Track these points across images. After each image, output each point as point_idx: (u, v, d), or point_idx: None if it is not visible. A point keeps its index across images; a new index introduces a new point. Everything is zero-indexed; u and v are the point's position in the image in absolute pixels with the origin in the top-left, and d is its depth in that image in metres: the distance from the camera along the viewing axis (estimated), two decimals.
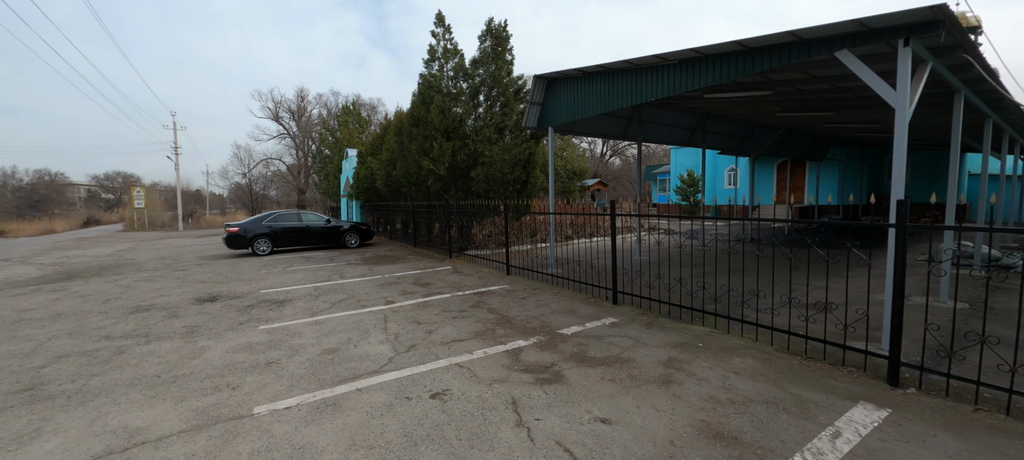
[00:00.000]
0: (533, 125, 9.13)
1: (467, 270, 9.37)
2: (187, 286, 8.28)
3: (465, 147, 10.58)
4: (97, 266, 11.60)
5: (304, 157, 53.15)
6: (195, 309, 6.43)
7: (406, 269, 9.69)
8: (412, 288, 7.57)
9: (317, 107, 53.02)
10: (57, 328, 5.56)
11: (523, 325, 5.19)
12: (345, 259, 11.63)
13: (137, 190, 35.79)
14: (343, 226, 14.21)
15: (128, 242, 20.62)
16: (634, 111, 10.48)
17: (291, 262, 11.23)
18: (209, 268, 10.59)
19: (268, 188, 60.41)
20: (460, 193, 11.54)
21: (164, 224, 37.50)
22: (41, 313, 6.39)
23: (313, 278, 8.80)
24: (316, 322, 5.55)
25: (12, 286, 8.96)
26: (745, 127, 13.84)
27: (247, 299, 7.02)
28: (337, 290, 7.59)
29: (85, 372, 4.04)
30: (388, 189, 15.93)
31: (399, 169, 13.28)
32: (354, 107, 29.04)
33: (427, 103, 11.22)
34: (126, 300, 7.17)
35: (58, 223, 49.33)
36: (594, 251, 10.10)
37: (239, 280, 8.76)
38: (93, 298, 7.40)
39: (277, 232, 13.00)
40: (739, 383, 3.47)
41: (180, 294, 7.53)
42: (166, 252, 14.91)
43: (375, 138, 18.62)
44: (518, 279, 8.21)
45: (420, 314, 5.79)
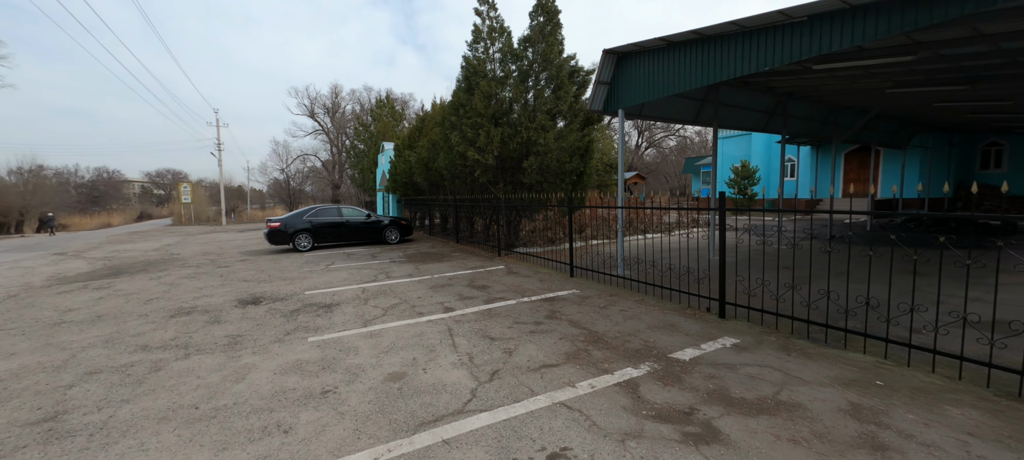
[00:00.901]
0: (598, 108, 8.08)
1: (522, 270, 8.47)
2: (230, 285, 7.80)
3: (516, 135, 9.64)
4: (144, 262, 11.49)
5: (338, 152, 53.92)
6: (238, 313, 5.83)
7: (455, 268, 8.90)
8: (469, 292, 6.74)
9: (350, 103, 53.61)
10: (94, 334, 5.06)
11: (621, 345, 4.22)
12: (388, 256, 11.00)
13: (184, 186, 37.15)
14: (383, 221, 13.65)
15: (175, 236, 21.04)
16: (709, 92, 9.23)
17: (333, 259, 10.70)
18: (251, 265, 10.19)
19: (304, 183, 61.84)
20: (509, 185, 10.63)
21: (209, 218, 38.82)
22: (82, 314, 5.98)
23: (358, 278, 8.14)
24: (371, 334, 4.78)
25: (62, 282, 8.80)
26: (827, 110, 12.22)
27: (292, 302, 6.40)
28: (386, 292, 6.86)
29: (114, 397, 3.40)
30: (427, 182, 15.26)
31: (441, 161, 12.51)
32: (388, 100, 28.69)
33: (471, 88, 10.34)
34: (168, 301, 6.71)
35: (115, 217, 52.29)
36: (654, 249, 8.97)
37: (282, 279, 8.22)
38: (136, 298, 6.99)
39: (318, 227, 12.56)
40: (988, 452, 2.38)
41: (222, 295, 7.02)
42: (210, 247, 14.85)
43: (412, 130, 18.01)
44: (585, 282, 7.23)
45: (489, 326, 4.92)
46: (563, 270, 8.27)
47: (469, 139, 9.92)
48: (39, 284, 8.59)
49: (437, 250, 12.06)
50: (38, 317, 5.93)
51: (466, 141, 10.01)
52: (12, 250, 16.98)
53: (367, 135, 28.50)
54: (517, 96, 9.55)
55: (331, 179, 54.82)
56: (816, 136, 13.14)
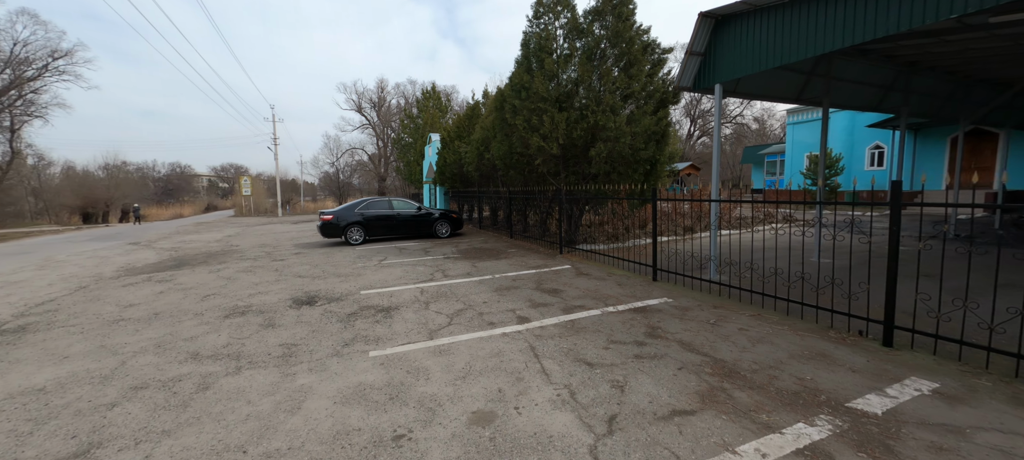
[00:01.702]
0: (688, 84, 6.90)
1: (593, 271, 7.51)
2: (284, 281, 7.45)
3: (583, 120, 8.62)
4: (205, 253, 11.65)
5: (384, 146, 55.00)
6: (293, 315, 5.34)
7: (515, 267, 8.10)
8: (540, 297, 5.89)
9: (396, 97, 54.37)
10: (148, 336, 4.70)
11: (768, 383, 3.19)
12: (440, 251, 10.41)
13: (244, 179, 39.17)
14: (433, 214, 13.12)
15: (236, 227, 21.89)
16: (817, 64, 7.75)
17: (385, 253, 10.26)
18: (305, 258, 9.94)
19: (352, 176, 63.84)
20: (573, 175, 9.65)
21: (266, 210, 40.79)
22: (140, 311, 5.73)
23: (414, 275, 7.54)
24: (439, 350, 4.05)
25: (130, 273, 8.91)
26: (955, 85, 10.16)
27: (347, 303, 5.85)
28: (447, 295, 6.16)
29: (156, 425, 2.86)
30: (478, 174, 14.58)
31: (495, 150, 11.74)
32: (434, 91, 28.39)
33: (532, 68, 9.41)
34: (224, 297, 6.40)
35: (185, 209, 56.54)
36: (740, 248, 7.65)
37: (336, 276, 7.79)
38: (194, 293, 6.76)
39: (369, 220, 12.23)
40: None
41: (277, 292, 6.63)
42: (266, 239, 15.05)
43: (461, 120, 17.40)
44: (674, 288, 6.17)
45: (580, 346, 4.04)
46: (642, 273, 7.22)
47: (533, 125, 9.02)
48: (109, 275, 8.73)
49: (491, 245, 11.34)
50: (100, 313, 5.76)
51: (529, 127, 9.12)
52: (96, 239, 18.23)
53: (413, 127, 28.41)
54: (583, 76, 8.51)
55: (377, 172, 56.10)
56: (937, 115, 11.05)
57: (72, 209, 39.62)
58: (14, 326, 5.27)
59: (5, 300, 6.70)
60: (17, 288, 7.62)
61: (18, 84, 34.58)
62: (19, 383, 3.59)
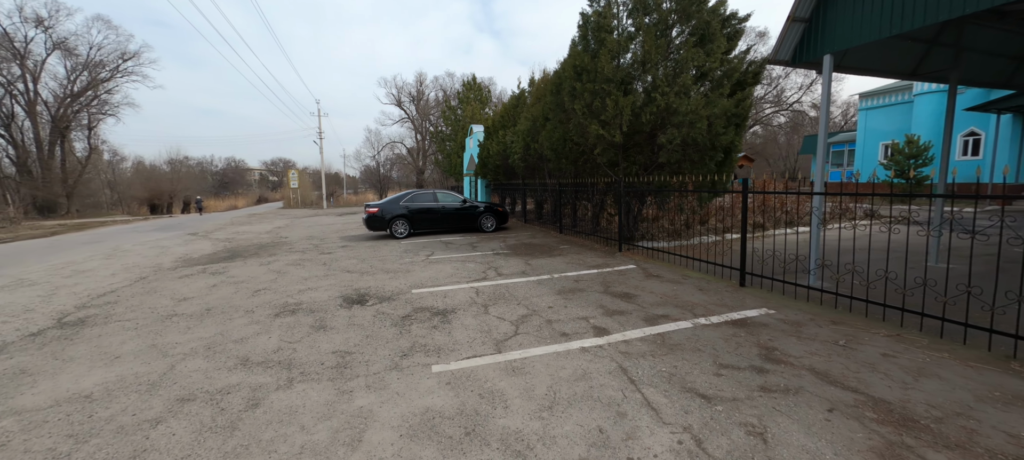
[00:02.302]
0: (787, 57, 5.89)
1: (663, 272, 6.70)
2: (333, 276, 7.17)
3: (650, 103, 7.73)
4: (256, 245, 11.78)
5: (422, 139, 55.56)
6: (344, 316, 4.95)
7: (572, 265, 7.42)
8: (611, 302, 5.19)
9: (434, 90, 54.62)
10: (199, 336, 4.44)
11: (966, 442, 2.35)
12: (488, 247, 9.89)
13: (292, 172, 40.70)
14: (478, 208, 12.64)
15: (285, 219, 22.53)
16: (941, 31, 6.46)
17: (431, 248, 9.87)
18: (352, 252, 9.73)
19: (391, 170, 65.17)
20: (634, 164, 8.80)
21: (312, 202, 42.26)
22: (193, 306, 5.57)
23: (465, 273, 7.04)
24: (512, 367, 3.46)
25: (187, 263, 9.02)
26: None
27: (400, 303, 5.41)
28: (505, 296, 5.59)
29: (201, 451, 2.45)
30: (524, 165, 13.93)
31: (545, 138, 11.04)
32: (474, 82, 27.96)
33: (594, 48, 8.59)
34: (274, 293, 6.15)
35: (239, 201, 59.85)
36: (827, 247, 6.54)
37: (384, 272, 7.43)
38: (245, 287, 6.59)
39: (414, 213, 11.92)
40: None
41: (327, 288, 6.32)
42: (314, 231, 15.19)
43: (506, 109, 16.79)
44: (768, 296, 5.27)
45: (682, 370, 3.32)
46: (723, 275, 6.33)
47: (594, 110, 8.24)
48: (168, 265, 8.87)
49: (540, 241, 10.70)
50: (155, 306, 5.65)
51: (590, 112, 8.34)
52: (159, 229, 19.26)
53: (453, 119, 28.16)
54: (651, 54, 7.60)
55: (415, 165, 56.83)
56: None
57: (141, 200, 42.80)
58: (75, 318, 5.22)
59: (71, 290, 6.81)
60: (84, 278, 7.82)
61: (94, 85, 37.52)
62: (68, 387, 3.35)
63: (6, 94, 33.45)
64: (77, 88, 36.71)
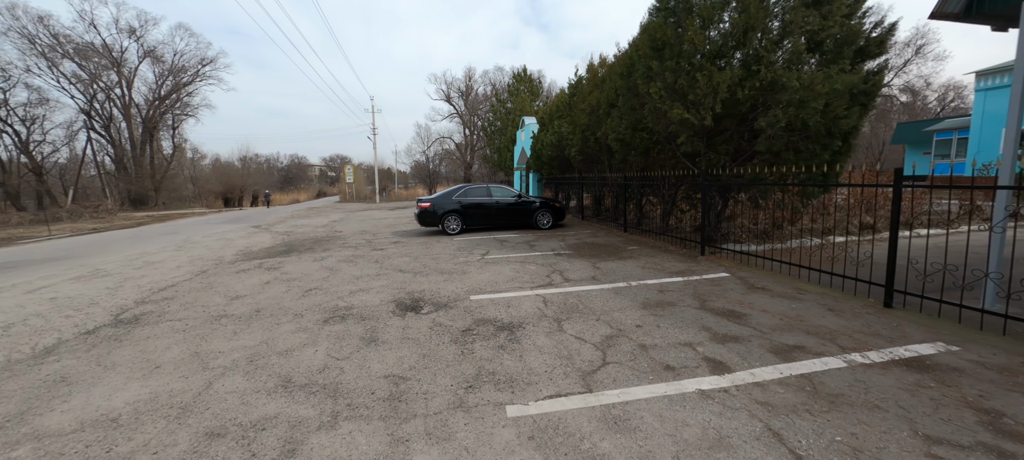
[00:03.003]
0: (956, 10, 4.48)
1: (768, 283, 5.50)
2: (385, 276, 6.67)
3: (749, 78, 6.46)
4: (312, 239, 11.77)
5: (470, 134, 55.69)
6: (397, 326, 4.34)
7: (649, 271, 6.39)
8: (716, 323, 4.16)
9: (482, 85, 54.41)
10: (242, 345, 4.00)
11: None
12: (547, 245, 9.05)
13: (348, 168, 42.25)
14: (534, 203, 11.82)
15: (340, 213, 23.09)
16: None
17: (486, 246, 9.20)
18: (404, 249, 9.30)
19: (440, 165, 66.09)
20: (721, 154, 7.54)
21: (365, 196, 43.68)
22: (243, 307, 5.24)
23: (527, 277, 6.25)
24: (611, 416, 2.61)
25: (246, 257, 9.02)
26: None
27: (458, 312, 4.73)
28: (579, 309, 4.73)
29: None
30: (582, 157, 12.91)
31: (611, 127, 9.97)
32: (525, 74, 27.10)
33: (677, 16, 7.40)
34: (325, 293, 5.73)
35: (301, 195, 63.53)
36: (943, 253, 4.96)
37: (438, 272, 6.83)
38: (297, 286, 6.25)
39: (467, 208, 11.35)
40: None
41: (379, 290, 5.80)
42: (366, 225, 15.16)
43: (562, 98, 15.79)
44: (930, 322, 3.98)
45: (871, 442, 2.29)
46: (858, 292, 5.03)
47: (678, 90, 7.09)
48: (228, 259, 8.90)
49: (604, 239, 9.69)
50: (207, 304, 5.39)
51: (672, 93, 7.21)
52: (228, 221, 20.37)
53: (503, 112, 27.51)
54: (754, 18, 6.31)
55: (463, 160, 57.11)
56: None
57: (216, 194, 46.45)
58: (130, 315, 5.05)
59: (137, 283, 6.85)
60: (152, 270, 7.95)
61: (177, 88, 41.06)
62: (98, 406, 2.95)
63: (107, 99, 37.42)
64: (164, 92, 40.36)
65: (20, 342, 4.30)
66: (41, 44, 32.58)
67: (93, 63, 35.48)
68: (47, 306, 5.60)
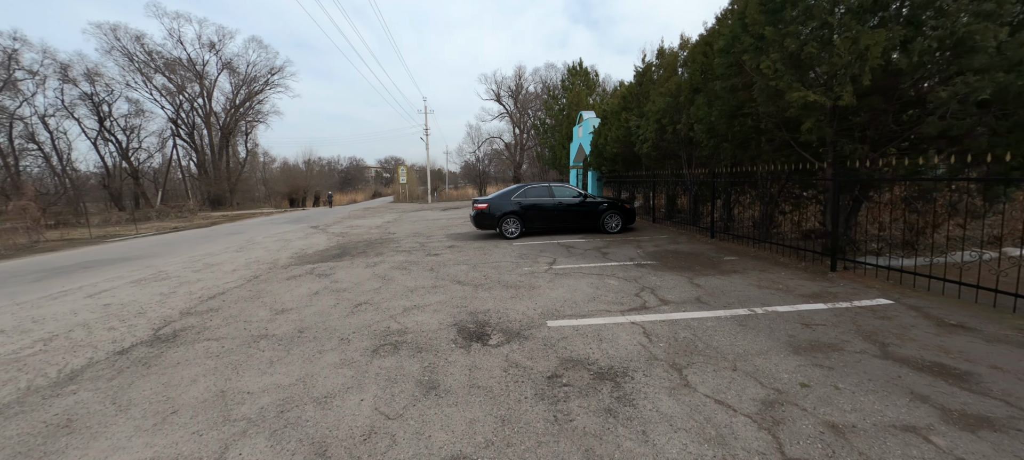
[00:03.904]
0: None
1: (959, 316, 3.92)
2: (443, 288, 5.81)
3: (920, 37, 4.81)
4: (365, 242, 11.35)
5: (520, 133, 54.91)
6: (461, 366, 3.38)
7: (770, 291, 4.98)
8: (929, 387, 2.77)
9: (533, 83, 53.39)
10: (275, 385, 3.23)
11: None
12: (623, 253, 7.79)
13: (401, 169, 43.07)
14: (601, 204, 10.56)
15: (394, 213, 23.10)
16: None
17: (551, 253, 8.12)
18: (460, 254, 8.46)
19: (489, 165, 65.96)
20: (855, 142, 5.89)
21: (417, 196, 44.32)
22: (286, 325, 4.57)
23: (611, 295, 5.09)
24: None
25: (300, 261, 8.65)
26: None
27: (536, 345, 3.69)
28: (697, 346, 3.51)
29: None
30: (657, 153, 11.43)
31: (698, 115, 8.51)
32: (581, 67, 25.67)
33: None
34: (376, 310, 4.94)
35: (358, 195, 66.25)
36: None
37: (502, 285, 5.86)
38: (346, 298, 5.55)
39: (527, 209, 10.34)
40: None
41: (436, 308, 4.92)
42: (419, 227, 14.67)
43: (629, 89, 14.34)
44: None
45: None
46: None
47: (801, 63, 5.58)
48: (283, 262, 8.57)
49: (689, 247, 8.24)
50: (250, 319, 4.80)
51: (791, 68, 5.70)
52: (290, 221, 20.99)
53: (556, 108, 26.28)
54: None
55: (512, 159, 56.45)
56: None
57: (283, 195, 49.46)
58: (170, 331, 4.55)
59: (190, 288, 6.54)
60: (208, 274, 7.73)
61: (250, 97, 44.07)
62: None
63: (191, 108, 40.92)
64: (238, 100, 43.49)
65: (52, 361, 3.87)
66: (137, 60, 36.20)
67: (179, 76, 38.91)
68: (97, 314, 5.31)
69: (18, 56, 29.86)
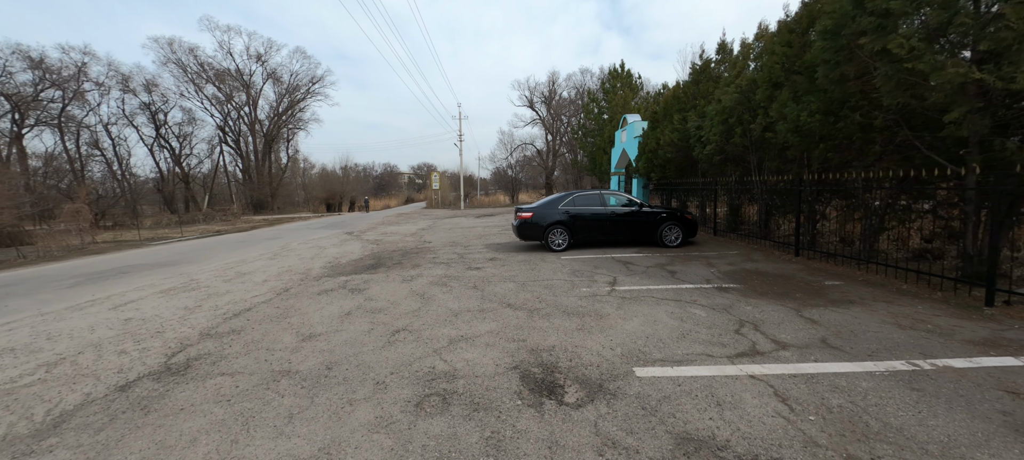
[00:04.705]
0: None
1: None
2: (492, 314, 4.95)
3: None
4: (401, 251, 10.73)
5: (552, 140, 53.94)
6: (533, 429, 2.49)
7: (917, 332, 3.80)
8: None
9: (566, 89, 52.39)
10: (289, 454, 2.45)
11: None
12: (694, 273, 6.69)
13: (434, 175, 43.10)
14: (659, 213, 9.44)
15: (427, 220, 22.68)
16: None
17: (610, 270, 7.12)
18: (505, 269, 7.61)
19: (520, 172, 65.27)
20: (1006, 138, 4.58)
21: (449, 202, 44.19)
22: (312, 359, 3.84)
23: (703, 331, 4.06)
24: None
25: (332, 272, 8.08)
26: None
27: (630, 410, 2.74)
28: (868, 426, 2.45)
29: None
30: (721, 157, 10.21)
31: (782, 110, 7.32)
32: (622, 69, 24.48)
33: None
34: (416, 340, 4.15)
35: (392, 201, 67.24)
36: None
37: (562, 312, 4.93)
38: (382, 323, 4.80)
39: (575, 219, 9.37)
40: None
41: (487, 342, 4.06)
42: (455, 235, 13.99)
43: (683, 90, 13.14)
44: None
45: None
46: None
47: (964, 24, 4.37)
48: (315, 273, 8.02)
49: (769, 265, 7.02)
50: (273, 347, 4.12)
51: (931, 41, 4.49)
52: (326, 226, 20.95)
53: (595, 112, 25.17)
54: None
55: (545, 166, 55.51)
56: None
57: (321, 200, 50.72)
58: (182, 359, 3.92)
59: (215, 302, 6.02)
60: (236, 284, 7.25)
61: (292, 105, 45.53)
62: None
63: (238, 116, 42.68)
64: (281, 108, 45.03)
65: (47, 395, 3.29)
66: (190, 71, 38.10)
67: (228, 86, 40.68)
68: (114, 332, 4.81)
69: (87, 69, 32.00)
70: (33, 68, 29.58)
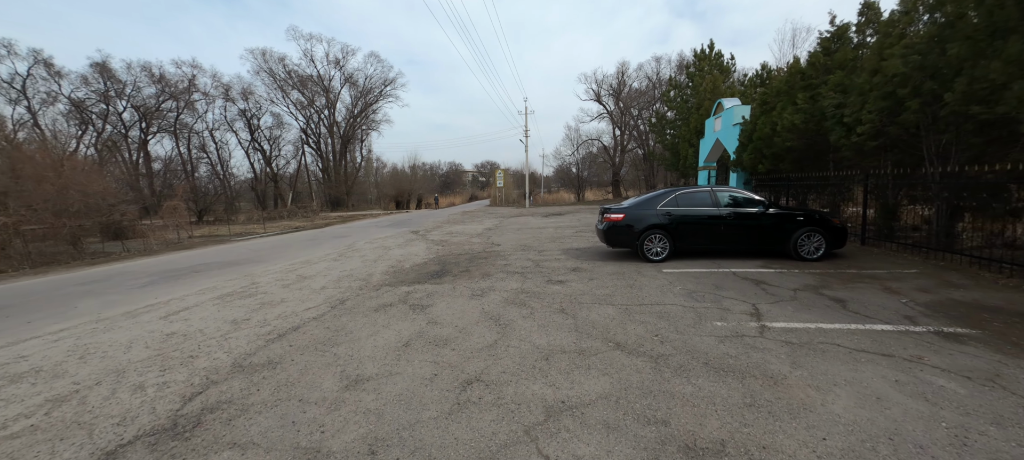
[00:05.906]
0: None
1: None
2: (597, 362, 3.51)
3: None
4: (468, 255, 9.65)
5: (620, 134, 50.84)
6: None
7: None
8: None
9: (637, 80, 48.95)
10: None
11: None
12: (874, 301, 4.67)
13: (499, 172, 42.50)
14: (795, 215, 7.32)
15: (493, 219, 21.74)
16: None
17: (739, 294, 5.31)
18: (594, 285, 6.11)
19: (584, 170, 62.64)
20: None
21: (513, 200, 43.32)
22: (355, 427, 2.69)
23: (992, 435, 2.26)
24: None
25: (394, 279, 7.17)
26: None
27: None
28: None
29: None
30: (877, 142, 7.76)
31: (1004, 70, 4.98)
32: (711, 51, 21.55)
33: None
34: (496, 404, 2.85)
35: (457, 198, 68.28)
36: None
37: (705, 368, 3.35)
38: (448, 362, 3.59)
39: (678, 222, 7.57)
40: None
41: (606, 423, 2.63)
42: (525, 237, 12.70)
43: (805, 66, 10.59)
44: None
45: None
46: None
47: None
48: (375, 280, 7.16)
49: (982, 293, 4.75)
50: (307, 398, 3.06)
51: None
52: (393, 225, 20.88)
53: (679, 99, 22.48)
54: None
55: (612, 162, 52.52)
56: None
57: (391, 197, 52.70)
58: (196, 409, 2.99)
59: (264, 315, 5.26)
60: (293, 292, 6.57)
61: (366, 108, 47.60)
62: None
63: (318, 119, 45.49)
64: (356, 111, 47.29)
65: (24, 455, 2.47)
66: (278, 79, 41.20)
67: (310, 91, 43.46)
68: (148, 354, 4.13)
69: (195, 81, 35.80)
70: (155, 82, 33.64)
